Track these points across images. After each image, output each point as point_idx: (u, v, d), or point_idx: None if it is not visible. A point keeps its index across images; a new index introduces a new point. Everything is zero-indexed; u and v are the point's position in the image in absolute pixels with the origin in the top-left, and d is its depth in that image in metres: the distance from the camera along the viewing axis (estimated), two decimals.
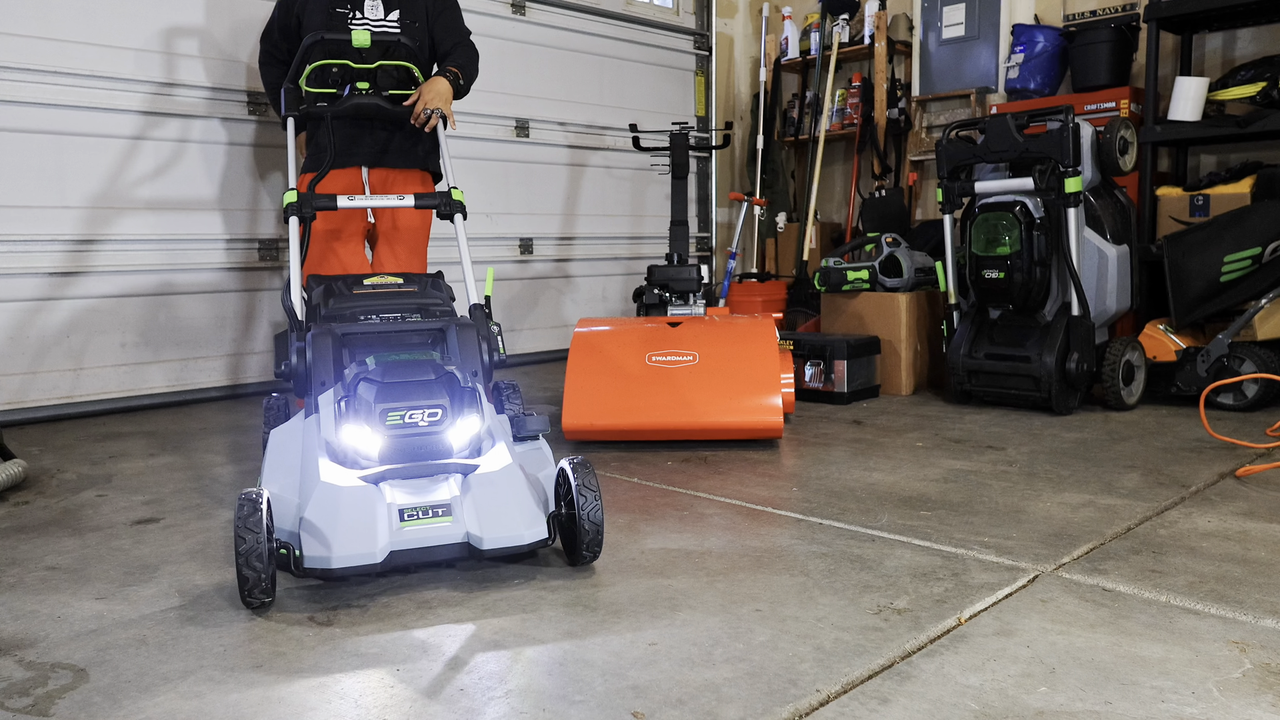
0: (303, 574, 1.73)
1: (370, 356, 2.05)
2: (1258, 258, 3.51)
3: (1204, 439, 2.97)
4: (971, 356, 3.63)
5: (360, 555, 1.69)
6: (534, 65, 5.24)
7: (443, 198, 2.69)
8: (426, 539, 1.75)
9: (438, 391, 1.86)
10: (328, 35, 2.83)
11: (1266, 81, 3.90)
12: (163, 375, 3.95)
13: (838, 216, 6.00)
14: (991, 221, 3.57)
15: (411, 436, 1.83)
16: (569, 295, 5.55)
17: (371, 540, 1.70)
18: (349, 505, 1.74)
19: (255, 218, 4.15)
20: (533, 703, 1.35)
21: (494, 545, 1.76)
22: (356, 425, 1.84)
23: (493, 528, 1.77)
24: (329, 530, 1.71)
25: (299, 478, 1.90)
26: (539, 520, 1.82)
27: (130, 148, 3.79)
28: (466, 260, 2.63)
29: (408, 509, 1.77)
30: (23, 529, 2.26)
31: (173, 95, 3.87)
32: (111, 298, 3.78)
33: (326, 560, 1.68)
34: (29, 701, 1.38)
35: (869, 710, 1.31)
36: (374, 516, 1.73)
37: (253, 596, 1.67)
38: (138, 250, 3.83)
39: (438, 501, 1.79)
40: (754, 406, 2.99)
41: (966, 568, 1.87)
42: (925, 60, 5.31)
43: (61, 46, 3.59)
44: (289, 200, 2.58)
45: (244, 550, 1.63)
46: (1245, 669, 1.42)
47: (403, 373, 1.89)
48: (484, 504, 1.79)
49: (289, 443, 2.04)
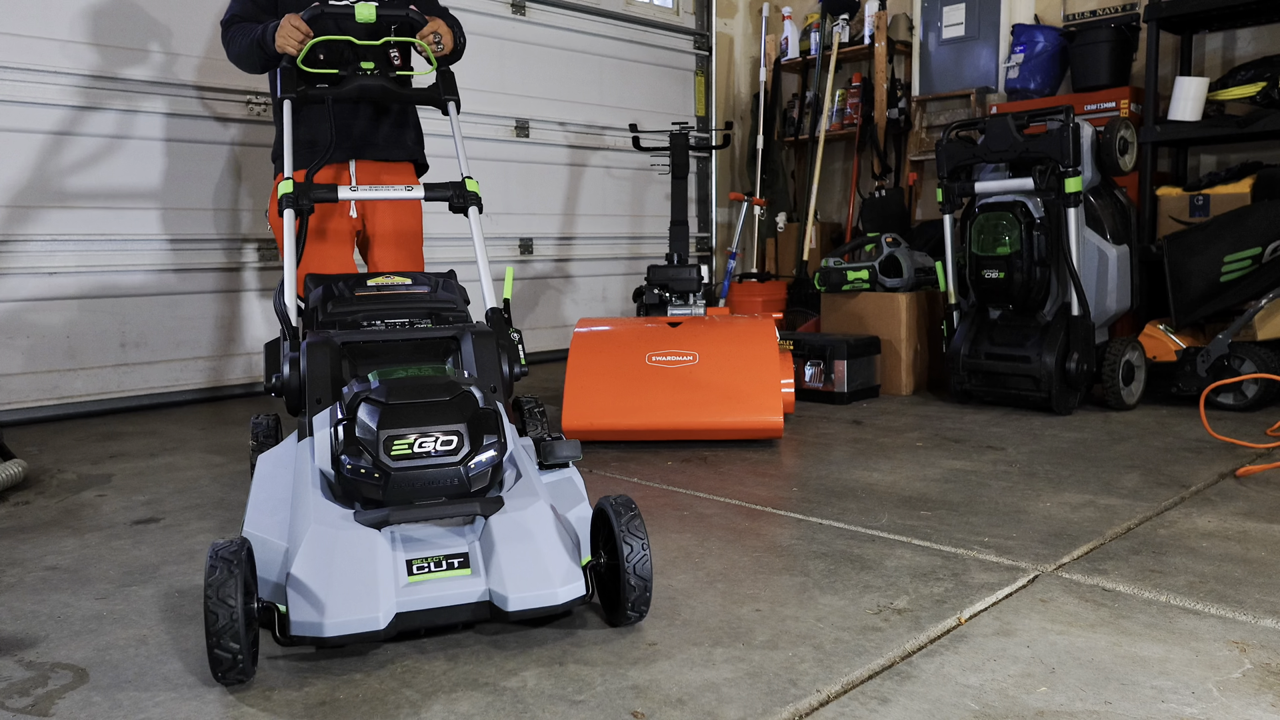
0: (289, 643, 1.43)
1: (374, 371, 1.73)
2: (1258, 258, 3.51)
3: (1204, 439, 2.97)
4: (971, 356, 3.63)
5: (360, 621, 1.40)
6: (534, 65, 5.24)
7: (456, 189, 2.43)
8: (440, 598, 1.46)
9: (453, 414, 1.57)
10: (329, 9, 2.55)
11: (1266, 81, 3.90)
12: (163, 375, 3.94)
13: (838, 216, 6.00)
14: (991, 221, 3.57)
15: (421, 469, 1.52)
16: (569, 295, 5.55)
17: (373, 601, 1.42)
18: (346, 556, 1.45)
19: (255, 217, 4.15)
20: (533, 702, 1.35)
21: (522, 606, 1.47)
22: (356, 455, 1.53)
23: (520, 584, 1.47)
24: (321, 588, 1.41)
25: (288, 515, 1.61)
26: (575, 574, 1.52)
27: (131, 147, 3.79)
28: (483, 259, 2.37)
29: (417, 560, 1.49)
30: (23, 529, 2.26)
31: (160, 93, 3.87)
32: (112, 298, 3.78)
33: (319, 628, 1.39)
34: (29, 701, 1.38)
35: (869, 710, 1.31)
36: (376, 570, 1.44)
37: (228, 677, 1.37)
38: (139, 250, 3.83)
39: (453, 551, 1.52)
40: (754, 406, 2.99)
41: (966, 568, 1.87)
42: (925, 60, 5.30)
43: (63, 46, 3.59)
44: (284, 190, 2.34)
45: (216, 629, 1.33)
46: (1245, 669, 1.42)
47: (411, 391, 1.59)
48: (510, 554, 1.50)
49: (277, 473, 1.74)
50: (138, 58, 3.78)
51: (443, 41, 2.65)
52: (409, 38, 2.62)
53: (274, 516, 1.61)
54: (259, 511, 1.64)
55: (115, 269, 3.77)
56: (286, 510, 1.62)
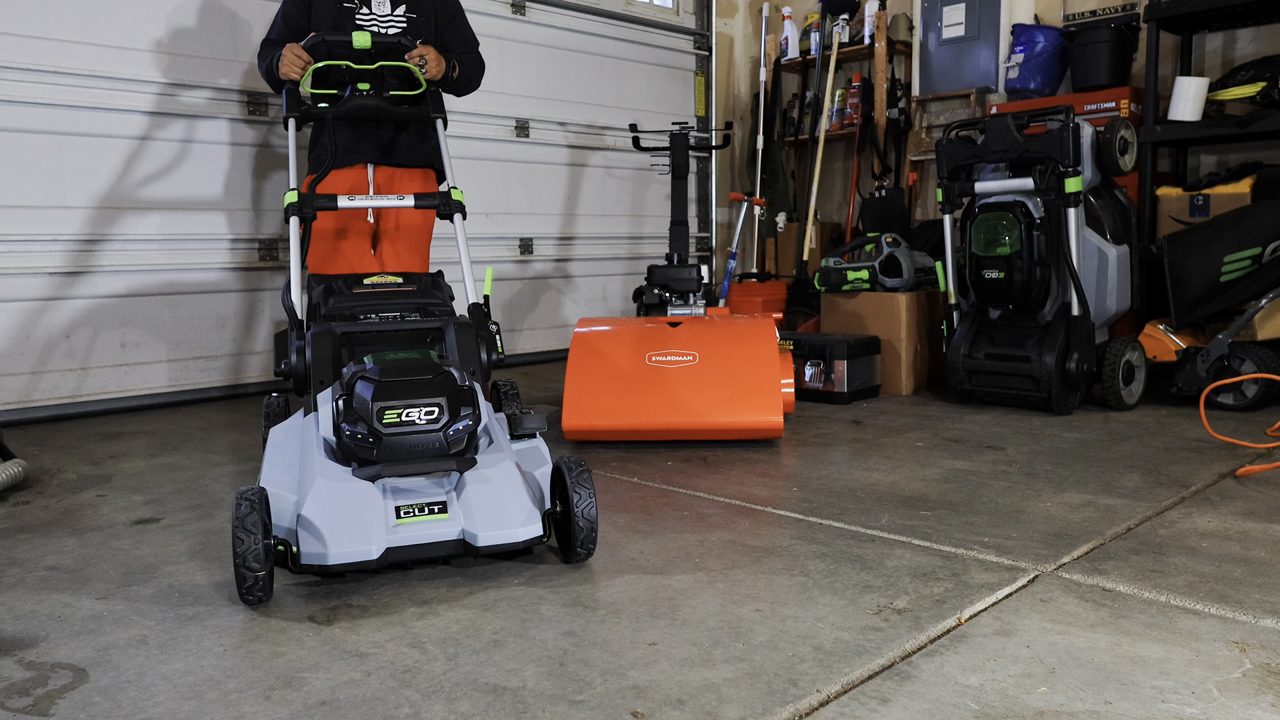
0: (300, 570, 1.75)
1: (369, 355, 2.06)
2: (1258, 258, 3.51)
3: (1204, 439, 2.97)
4: (971, 356, 3.63)
5: (356, 552, 1.72)
6: (534, 65, 5.24)
7: (442, 198, 2.72)
8: (422, 536, 1.77)
9: (435, 390, 1.87)
10: (329, 37, 2.85)
11: (1266, 81, 3.90)
12: (163, 375, 3.95)
13: (838, 216, 6.00)
14: (991, 221, 3.57)
15: (408, 435, 1.83)
16: (569, 295, 5.55)
17: (367, 537, 1.73)
18: (345, 502, 1.76)
19: (258, 218, 4.15)
20: (533, 702, 1.35)
21: (489, 543, 1.78)
22: (354, 423, 1.84)
23: (488, 525, 1.79)
24: (325, 527, 1.73)
25: (297, 475, 1.91)
26: (534, 518, 1.84)
27: (134, 148, 3.80)
28: (465, 260, 2.66)
29: (404, 506, 1.79)
30: (23, 529, 2.26)
31: (176, 96, 3.87)
32: (114, 298, 3.78)
33: (323, 557, 1.71)
34: (29, 701, 1.38)
35: (869, 710, 1.31)
36: (370, 513, 1.75)
37: (251, 594, 1.69)
38: (139, 250, 3.83)
39: (433, 499, 1.82)
40: (754, 406, 2.99)
41: (966, 568, 1.87)
42: (925, 60, 5.31)
43: (61, 46, 3.59)
44: (290, 200, 2.62)
45: (241, 550, 1.65)
46: (1245, 669, 1.42)
47: (400, 371, 1.89)
48: (480, 501, 1.81)
49: (288, 440, 2.06)
50: (138, 58, 3.78)
51: (428, 66, 2.94)
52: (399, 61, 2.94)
53: (286, 475, 1.92)
54: (273, 471, 1.96)
55: (116, 269, 3.77)
56: (295, 471, 1.93)
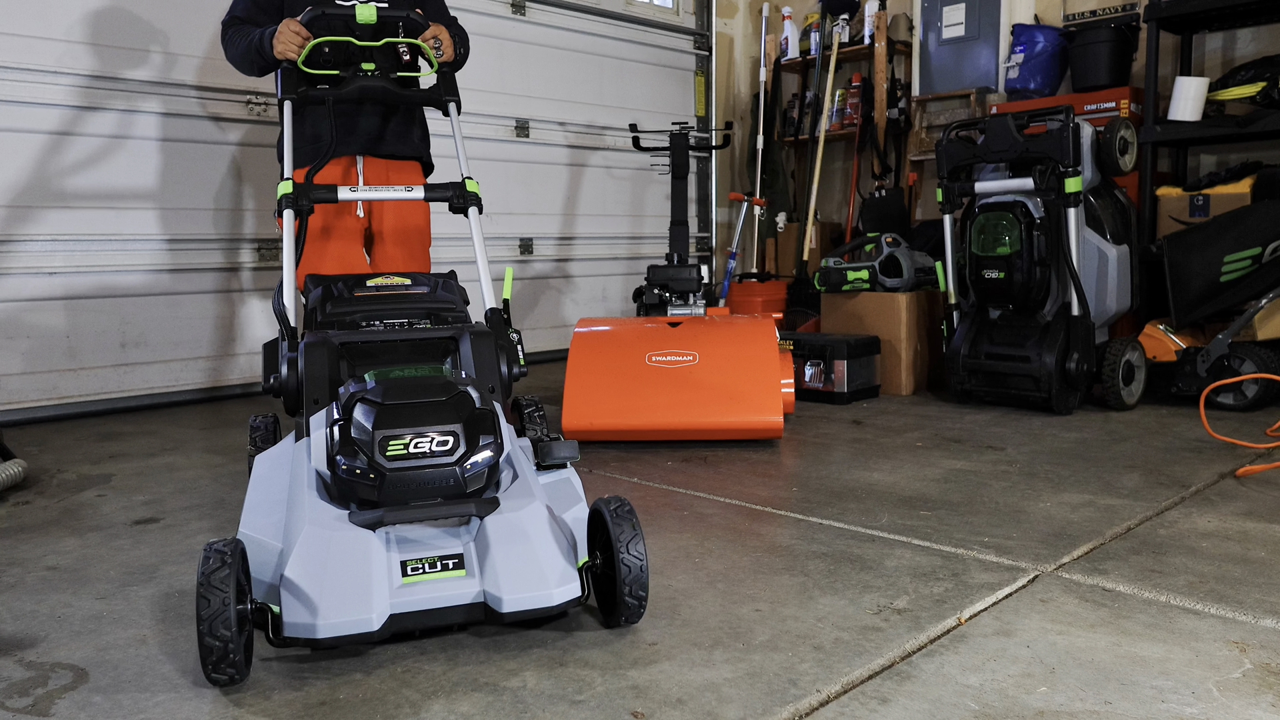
0: (282, 644, 1.42)
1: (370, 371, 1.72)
2: (1258, 258, 3.51)
3: (1204, 439, 2.97)
4: (971, 356, 3.63)
5: (353, 622, 1.39)
6: (534, 65, 5.24)
7: (455, 189, 2.44)
8: (434, 599, 1.45)
9: (448, 414, 1.55)
10: (329, 10, 2.55)
11: (1266, 81, 3.90)
12: (164, 375, 3.94)
13: (838, 216, 6.00)
14: (991, 221, 3.57)
15: (417, 470, 1.51)
16: (569, 295, 5.55)
17: (367, 603, 1.40)
18: (339, 557, 1.43)
19: (258, 218, 4.15)
20: (533, 702, 1.35)
21: (516, 608, 1.46)
22: (351, 456, 1.52)
23: (515, 585, 1.46)
24: (315, 589, 1.40)
25: (284, 517, 1.58)
26: (570, 575, 1.51)
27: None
28: (482, 259, 2.38)
29: (411, 561, 1.48)
30: (23, 529, 2.26)
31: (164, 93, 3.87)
32: (113, 298, 3.78)
33: (311, 629, 1.38)
34: (29, 701, 1.38)
35: (869, 710, 1.31)
36: (370, 571, 1.43)
37: (219, 671, 1.34)
38: (140, 250, 3.83)
39: (448, 551, 1.50)
40: (754, 406, 2.99)
41: (966, 568, 1.87)
42: (925, 60, 5.30)
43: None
44: (284, 191, 2.35)
45: (207, 614, 1.31)
46: (1245, 669, 1.42)
47: (407, 391, 1.58)
48: (505, 555, 1.48)
49: (274, 474, 1.73)
50: (138, 58, 3.78)
51: (443, 47, 2.67)
52: (411, 39, 2.62)
53: (270, 517, 1.59)
54: (255, 513, 1.62)
55: (115, 269, 3.77)
56: (282, 511, 1.60)
